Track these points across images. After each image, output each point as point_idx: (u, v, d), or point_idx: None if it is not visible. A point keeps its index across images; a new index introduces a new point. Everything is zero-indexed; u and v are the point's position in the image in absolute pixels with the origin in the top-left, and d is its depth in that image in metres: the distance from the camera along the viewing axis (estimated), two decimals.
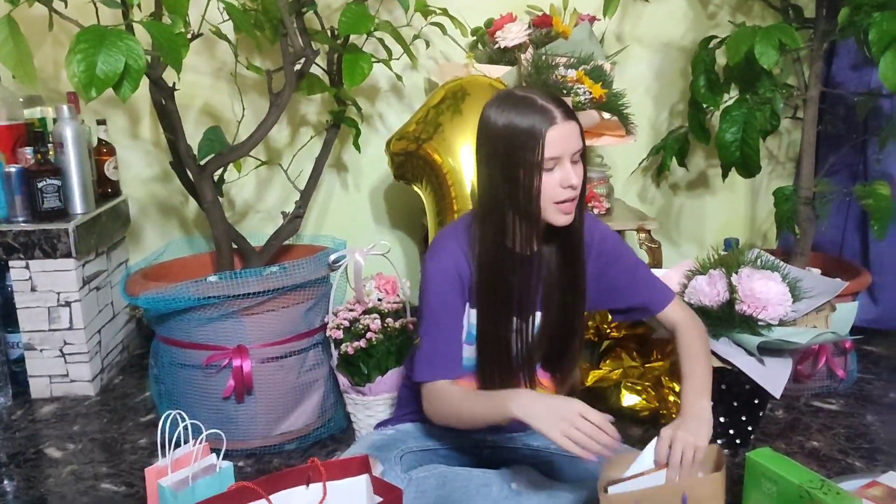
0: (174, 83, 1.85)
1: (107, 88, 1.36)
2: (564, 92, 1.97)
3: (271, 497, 1.19)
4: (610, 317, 2.04)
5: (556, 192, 1.27)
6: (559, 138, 1.24)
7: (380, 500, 1.20)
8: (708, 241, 2.68)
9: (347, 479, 1.24)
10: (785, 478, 1.34)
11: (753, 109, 2.01)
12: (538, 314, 1.40)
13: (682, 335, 1.43)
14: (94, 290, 2.28)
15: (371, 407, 1.85)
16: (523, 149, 1.25)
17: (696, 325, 1.45)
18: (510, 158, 1.26)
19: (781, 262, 1.77)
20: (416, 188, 2.12)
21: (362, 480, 1.25)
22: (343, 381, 1.86)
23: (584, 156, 1.32)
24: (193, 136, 1.98)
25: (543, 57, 2.05)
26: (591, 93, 1.99)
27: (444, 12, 2.15)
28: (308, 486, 1.23)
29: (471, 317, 1.38)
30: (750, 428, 1.81)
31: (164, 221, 2.62)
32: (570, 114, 1.27)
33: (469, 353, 1.40)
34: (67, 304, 2.18)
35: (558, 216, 1.29)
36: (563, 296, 1.38)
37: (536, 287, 1.38)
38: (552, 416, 1.18)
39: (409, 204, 2.56)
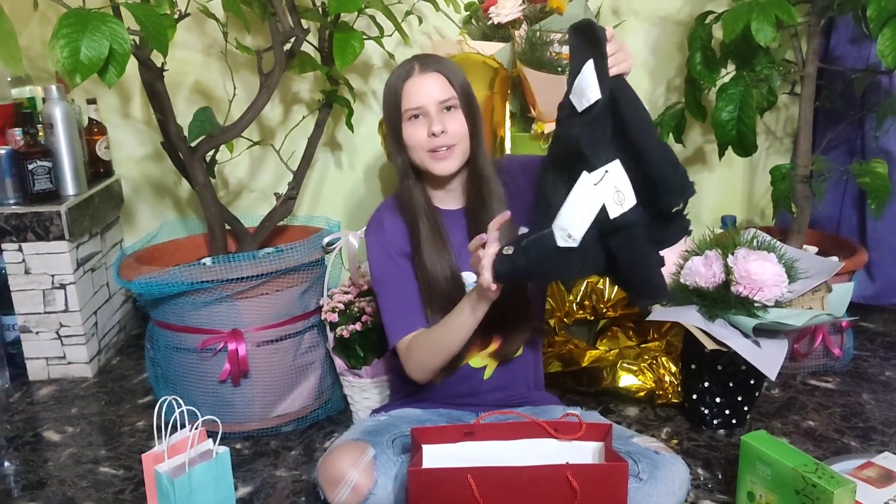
0: (163, 63, 1.82)
1: (92, 74, 1.33)
2: (559, 70, 1.94)
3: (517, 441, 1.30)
4: (606, 295, 2.06)
5: (426, 140, 1.36)
6: (415, 89, 1.35)
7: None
8: (705, 219, 2.67)
9: (588, 441, 1.31)
10: (780, 461, 1.35)
11: (750, 87, 1.98)
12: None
13: None
14: (89, 272, 2.27)
15: (367, 389, 1.85)
16: (389, 105, 1.39)
17: None
18: (386, 117, 1.41)
19: (778, 243, 1.76)
20: None
21: (598, 447, 1.31)
22: (339, 363, 1.86)
23: (470, 105, 1.38)
24: (185, 114, 1.95)
25: (538, 33, 2.02)
26: None
27: None
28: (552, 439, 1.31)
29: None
30: (746, 408, 1.81)
31: (158, 201, 2.60)
32: (429, 65, 1.36)
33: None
34: (62, 286, 2.17)
35: (434, 164, 1.38)
36: None
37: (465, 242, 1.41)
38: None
39: None
